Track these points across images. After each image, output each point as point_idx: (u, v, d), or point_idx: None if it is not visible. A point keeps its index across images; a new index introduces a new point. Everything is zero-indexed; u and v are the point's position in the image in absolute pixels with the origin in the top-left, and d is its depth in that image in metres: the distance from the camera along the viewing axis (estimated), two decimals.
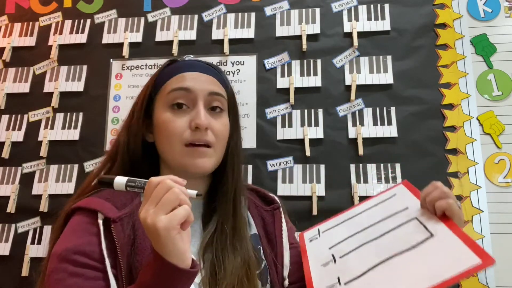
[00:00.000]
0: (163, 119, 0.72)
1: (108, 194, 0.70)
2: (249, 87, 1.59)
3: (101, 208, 0.66)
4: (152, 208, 0.54)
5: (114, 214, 0.65)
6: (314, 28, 1.61)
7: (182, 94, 0.73)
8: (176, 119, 0.71)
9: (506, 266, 1.32)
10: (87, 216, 0.66)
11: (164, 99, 0.74)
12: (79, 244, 0.62)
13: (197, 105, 0.72)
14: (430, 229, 0.60)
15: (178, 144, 0.71)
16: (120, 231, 0.64)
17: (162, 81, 0.76)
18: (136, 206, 0.69)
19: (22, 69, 1.73)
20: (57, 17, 1.77)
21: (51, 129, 1.64)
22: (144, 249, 0.65)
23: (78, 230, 0.65)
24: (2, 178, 1.61)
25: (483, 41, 1.51)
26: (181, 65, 0.77)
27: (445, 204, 0.61)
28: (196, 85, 0.73)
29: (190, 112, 0.73)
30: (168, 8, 1.72)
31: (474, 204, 1.38)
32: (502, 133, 1.43)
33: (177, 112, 0.72)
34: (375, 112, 1.51)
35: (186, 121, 0.71)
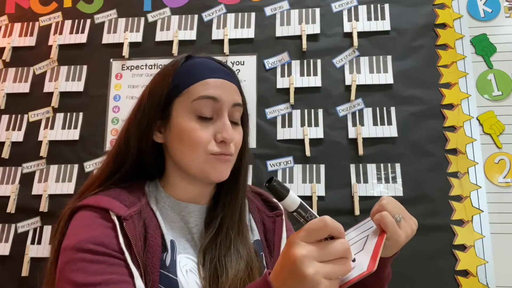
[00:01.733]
0: (187, 127, 0.69)
1: (115, 193, 0.68)
2: (249, 87, 1.59)
3: (111, 206, 0.64)
4: (319, 260, 0.47)
5: (125, 212, 0.64)
6: (314, 28, 1.61)
7: (208, 103, 0.70)
8: (201, 129, 0.69)
9: (506, 266, 1.32)
10: (99, 212, 0.64)
11: (187, 105, 0.70)
12: (96, 236, 0.60)
13: (223, 117, 0.71)
14: (365, 246, 0.62)
15: (202, 153, 0.69)
16: (133, 228, 0.63)
17: (184, 83, 0.72)
18: (145, 205, 0.69)
19: (22, 69, 1.73)
20: (57, 17, 1.77)
21: (51, 129, 1.64)
22: (154, 248, 0.64)
23: (92, 224, 0.62)
24: (2, 178, 1.61)
25: (483, 41, 1.51)
26: (205, 68, 0.74)
27: (379, 216, 0.62)
28: (223, 95, 0.71)
29: (214, 122, 0.71)
30: (168, 8, 1.72)
31: (474, 204, 1.38)
32: (502, 133, 1.43)
33: (202, 122, 0.70)
34: (375, 112, 1.51)
35: (211, 132, 0.70)
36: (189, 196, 0.74)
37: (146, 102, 0.73)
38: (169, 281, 0.63)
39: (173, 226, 0.71)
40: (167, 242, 0.67)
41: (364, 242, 0.65)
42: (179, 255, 0.67)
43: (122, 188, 0.71)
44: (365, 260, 0.56)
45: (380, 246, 0.61)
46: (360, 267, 0.55)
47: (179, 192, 0.74)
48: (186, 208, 0.74)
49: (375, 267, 0.52)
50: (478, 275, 1.31)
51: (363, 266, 0.55)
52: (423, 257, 1.35)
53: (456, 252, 1.34)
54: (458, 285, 1.32)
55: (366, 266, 0.54)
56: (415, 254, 1.34)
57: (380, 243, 0.61)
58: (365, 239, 0.66)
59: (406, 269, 1.34)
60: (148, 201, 0.71)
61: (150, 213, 0.68)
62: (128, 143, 0.73)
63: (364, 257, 0.58)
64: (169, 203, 0.73)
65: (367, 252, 0.60)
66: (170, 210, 0.72)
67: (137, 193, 0.71)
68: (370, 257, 0.58)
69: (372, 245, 0.62)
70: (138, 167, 0.74)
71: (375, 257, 0.57)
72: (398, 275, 1.33)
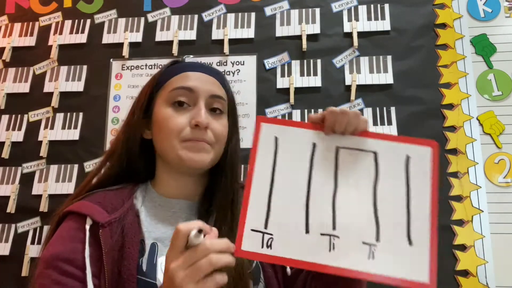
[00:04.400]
0: (163, 115, 0.73)
1: (100, 197, 0.71)
2: (249, 87, 1.59)
3: (90, 212, 0.67)
4: (184, 268, 0.51)
5: (103, 218, 0.66)
6: (314, 28, 1.61)
7: (184, 93, 0.73)
8: (176, 115, 0.72)
9: (506, 266, 1.32)
10: (76, 222, 0.67)
11: (165, 97, 0.74)
12: (64, 251, 0.64)
13: (198, 104, 0.73)
14: (368, 148, 0.63)
15: (176, 140, 0.71)
16: (108, 236, 0.65)
17: (165, 79, 0.77)
18: (127, 210, 0.70)
19: (22, 69, 1.73)
20: (57, 17, 1.77)
21: (51, 129, 1.64)
22: (131, 255, 0.65)
23: (65, 237, 0.66)
24: (2, 178, 1.61)
25: (483, 41, 1.51)
26: (185, 65, 0.78)
27: (362, 123, 0.63)
28: (199, 85, 0.74)
29: (190, 110, 0.73)
30: (168, 8, 1.72)
31: (474, 204, 1.38)
32: (502, 133, 1.43)
33: (178, 109, 0.73)
34: (375, 112, 1.51)
35: (187, 119, 0.72)
36: (178, 192, 0.76)
37: (135, 104, 0.78)
38: (147, 285, 0.64)
39: (162, 226, 0.71)
40: (146, 246, 0.68)
41: (362, 150, 0.63)
42: (161, 257, 0.67)
43: (109, 191, 0.73)
44: (419, 259, 0.57)
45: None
46: (410, 267, 0.56)
47: (168, 189, 0.76)
48: (177, 204, 0.75)
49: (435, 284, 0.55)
50: (478, 275, 1.31)
51: (418, 271, 0.56)
52: None
53: (456, 252, 1.34)
54: (458, 285, 1.32)
55: (424, 274, 0.56)
56: None
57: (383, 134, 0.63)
58: (356, 150, 0.63)
59: None
60: (134, 204, 0.72)
61: (132, 218, 0.70)
62: (121, 141, 0.76)
63: (415, 253, 0.57)
64: (160, 201, 0.75)
65: (421, 244, 0.58)
66: (160, 209, 0.74)
67: (123, 196, 0.72)
68: (428, 262, 0.57)
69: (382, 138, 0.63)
70: (131, 163, 0.76)
71: (434, 265, 0.57)
72: None
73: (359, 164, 0.63)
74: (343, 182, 0.62)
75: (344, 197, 0.61)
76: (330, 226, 0.60)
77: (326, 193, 0.62)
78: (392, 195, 0.61)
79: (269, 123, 0.66)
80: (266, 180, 0.63)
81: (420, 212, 0.59)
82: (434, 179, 0.60)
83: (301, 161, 0.64)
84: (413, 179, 0.61)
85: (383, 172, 0.62)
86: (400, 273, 0.56)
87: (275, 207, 0.61)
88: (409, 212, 0.60)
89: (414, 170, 0.61)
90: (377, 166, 0.62)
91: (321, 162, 0.63)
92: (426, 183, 0.60)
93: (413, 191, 0.60)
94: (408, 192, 0.60)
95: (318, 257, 0.58)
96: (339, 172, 0.63)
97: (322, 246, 0.59)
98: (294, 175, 0.63)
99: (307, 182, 0.63)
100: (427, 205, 0.59)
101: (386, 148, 0.63)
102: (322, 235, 0.59)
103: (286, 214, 0.61)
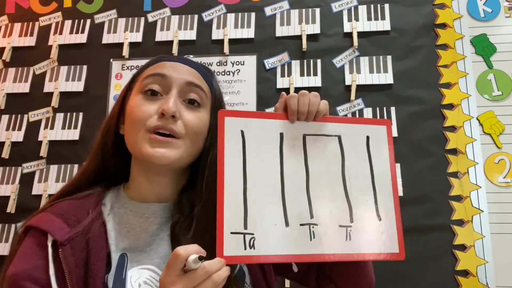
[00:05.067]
0: (132, 104, 0.68)
1: (63, 208, 0.66)
2: (249, 87, 1.59)
3: (50, 228, 0.61)
4: None
5: (63, 235, 0.61)
6: (314, 28, 1.61)
7: (156, 80, 0.68)
8: (145, 104, 0.66)
9: (506, 266, 1.32)
10: (37, 237, 0.62)
11: (138, 86, 0.70)
12: (27, 269, 0.60)
13: (170, 92, 0.67)
14: (332, 132, 0.66)
15: (142, 130, 0.65)
16: (69, 254, 0.60)
17: (141, 71, 0.74)
18: (92, 221, 0.65)
19: (22, 69, 1.73)
20: (57, 17, 1.77)
21: (51, 129, 1.64)
22: (97, 272, 0.60)
23: (28, 253, 0.62)
24: (2, 178, 1.61)
25: (483, 41, 1.51)
26: (164, 56, 0.74)
27: (322, 104, 0.66)
28: (173, 73, 0.68)
29: (161, 100, 0.67)
30: (168, 8, 1.72)
31: (474, 204, 1.38)
32: (502, 133, 1.43)
33: (148, 98, 0.67)
34: (375, 112, 1.51)
35: (155, 108, 0.66)
36: (151, 193, 0.70)
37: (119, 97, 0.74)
38: None
39: (133, 234, 0.66)
40: (113, 260, 0.63)
41: (327, 135, 0.66)
42: (131, 269, 0.63)
43: (75, 200, 0.69)
44: (388, 231, 0.62)
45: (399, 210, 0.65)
46: (381, 239, 0.62)
47: (141, 191, 0.70)
48: (149, 209, 0.69)
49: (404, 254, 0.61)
50: (478, 275, 1.31)
51: (387, 241, 0.62)
52: (423, 257, 1.35)
53: (456, 252, 1.34)
54: (458, 285, 1.32)
55: (394, 245, 0.62)
56: (415, 254, 1.34)
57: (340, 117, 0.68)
58: (322, 136, 0.66)
59: (406, 269, 1.34)
60: (101, 212, 0.67)
61: (98, 230, 0.64)
62: (98, 139, 0.74)
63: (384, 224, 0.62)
64: (131, 207, 0.69)
65: (388, 217, 0.64)
66: (131, 215, 0.68)
67: (89, 205, 0.67)
68: (396, 234, 0.63)
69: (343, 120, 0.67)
70: (105, 162, 0.73)
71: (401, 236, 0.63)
72: (398, 275, 1.34)
73: (326, 149, 0.65)
74: (314, 169, 0.64)
75: (317, 184, 0.63)
76: (308, 215, 0.61)
77: (299, 182, 0.63)
78: (358, 175, 0.64)
79: (233, 116, 0.64)
80: (238, 177, 0.61)
81: (384, 187, 0.64)
82: (391, 154, 0.65)
83: (271, 153, 0.63)
84: (374, 157, 0.65)
85: (348, 154, 0.65)
86: (374, 249, 0.60)
87: (251, 205, 0.60)
88: (375, 189, 0.64)
89: (374, 148, 0.66)
90: (342, 148, 0.65)
91: (290, 151, 0.64)
92: (385, 159, 0.65)
93: (376, 168, 0.64)
94: (372, 170, 0.64)
95: (301, 248, 0.59)
96: (308, 159, 0.64)
97: (303, 236, 0.60)
98: (266, 169, 0.62)
99: (280, 174, 0.62)
100: (389, 180, 0.64)
101: (348, 130, 0.66)
102: (302, 225, 0.60)
103: (264, 210, 0.60)
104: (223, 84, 1.61)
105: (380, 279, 1.32)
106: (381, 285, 1.32)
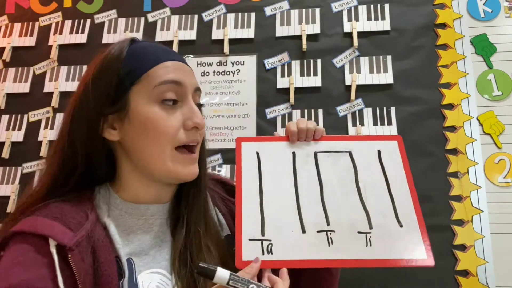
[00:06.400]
0: (152, 116, 0.60)
1: (56, 211, 0.57)
2: (249, 87, 1.59)
3: (51, 232, 0.53)
4: None
5: (70, 239, 0.53)
6: (314, 28, 1.61)
7: (172, 88, 0.62)
8: (168, 116, 0.61)
9: (506, 266, 1.32)
10: (32, 244, 0.53)
11: (149, 92, 0.61)
12: (28, 280, 0.49)
13: (189, 101, 0.63)
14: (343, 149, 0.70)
15: (169, 146, 0.61)
16: (80, 260, 0.53)
17: (141, 67, 0.63)
18: (94, 224, 0.59)
19: (22, 69, 1.73)
20: (57, 17, 1.77)
21: (51, 129, 1.64)
22: (111, 278, 0.55)
23: (24, 261, 0.51)
24: (2, 178, 1.61)
25: (483, 41, 1.51)
26: (158, 51, 0.67)
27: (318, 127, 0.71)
28: (185, 79, 0.64)
29: (180, 108, 0.63)
30: (168, 8, 1.72)
31: (474, 204, 1.38)
32: (502, 133, 1.43)
33: (169, 109, 0.62)
34: (375, 112, 1.51)
35: (180, 120, 0.62)
36: (149, 196, 0.66)
37: (90, 94, 0.62)
38: None
39: (134, 237, 0.63)
40: (123, 265, 0.58)
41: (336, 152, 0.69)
42: (140, 275, 0.60)
43: (66, 202, 0.60)
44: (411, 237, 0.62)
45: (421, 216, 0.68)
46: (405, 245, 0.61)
47: (136, 194, 0.65)
48: (147, 210, 0.65)
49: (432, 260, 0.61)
50: (478, 275, 1.31)
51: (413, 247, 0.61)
52: None
53: (456, 252, 1.34)
54: (458, 285, 1.32)
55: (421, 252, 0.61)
56: None
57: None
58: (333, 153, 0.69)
59: (406, 269, 1.34)
60: (98, 215, 0.61)
61: (101, 233, 0.59)
62: (73, 146, 0.62)
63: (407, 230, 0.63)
64: (126, 209, 0.64)
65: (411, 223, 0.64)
66: (129, 217, 0.64)
67: (84, 207, 0.60)
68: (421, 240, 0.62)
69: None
70: (91, 170, 0.64)
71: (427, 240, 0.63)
72: (398, 275, 1.34)
73: (338, 163, 0.68)
74: (327, 181, 0.67)
75: (331, 194, 0.65)
76: (325, 223, 0.63)
77: (314, 194, 0.66)
78: (373, 185, 0.66)
79: (248, 141, 0.71)
80: (255, 191, 0.66)
81: (402, 195, 0.65)
82: (406, 166, 0.68)
83: (285, 168, 0.68)
84: (388, 168, 0.67)
85: (361, 166, 0.68)
86: (400, 254, 0.60)
87: (268, 214, 0.64)
88: (392, 197, 0.65)
89: (387, 161, 0.68)
90: (354, 162, 0.68)
91: (303, 166, 0.68)
92: (400, 170, 0.67)
93: (391, 178, 0.66)
94: (387, 180, 0.66)
95: (319, 254, 0.60)
96: (321, 172, 0.67)
97: (321, 242, 0.61)
98: (280, 182, 0.67)
99: (294, 187, 0.66)
100: (406, 189, 0.66)
101: (358, 147, 0.70)
102: (319, 232, 0.62)
103: (280, 218, 0.64)
104: (223, 84, 1.61)
105: (380, 279, 1.32)
106: (381, 284, 1.33)
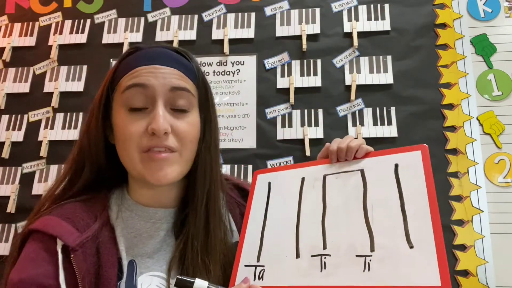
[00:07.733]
0: (118, 122, 0.63)
1: (69, 212, 0.62)
2: (249, 87, 1.59)
3: (59, 233, 0.58)
4: None
5: (74, 240, 0.58)
6: (314, 28, 1.61)
7: (137, 92, 0.62)
8: (132, 122, 0.62)
9: (506, 266, 1.32)
10: (44, 242, 0.58)
11: (119, 99, 0.64)
12: (37, 275, 0.56)
13: (156, 105, 0.62)
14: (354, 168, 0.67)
15: (135, 150, 0.62)
16: (82, 260, 0.57)
17: (118, 77, 0.65)
18: (101, 226, 0.62)
19: (22, 69, 1.73)
20: (57, 17, 1.77)
21: (51, 129, 1.64)
22: (109, 279, 0.58)
23: (35, 259, 0.57)
24: (2, 178, 1.61)
25: (483, 41, 1.51)
26: (138, 57, 0.66)
27: (365, 148, 0.68)
28: (153, 80, 0.62)
29: (149, 113, 0.62)
30: (168, 8, 1.72)
31: (474, 204, 1.38)
32: (502, 133, 1.43)
33: (134, 114, 0.62)
34: (375, 112, 1.51)
35: (143, 125, 0.61)
36: (154, 200, 0.68)
37: (94, 103, 0.68)
38: None
39: (140, 240, 0.65)
40: (123, 267, 0.61)
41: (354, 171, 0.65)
42: (141, 276, 0.62)
43: (80, 202, 0.65)
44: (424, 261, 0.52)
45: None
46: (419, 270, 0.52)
47: (143, 197, 0.68)
48: (156, 214, 0.67)
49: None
50: (478, 275, 1.31)
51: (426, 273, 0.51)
52: None
53: (456, 252, 1.34)
54: (458, 285, 1.32)
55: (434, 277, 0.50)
56: None
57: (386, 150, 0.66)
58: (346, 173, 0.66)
59: None
60: (109, 216, 0.65)
61: (107, 234, 0.62)
62: (86, 148, 0.67)
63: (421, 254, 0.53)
64: (136, 211, 0.67)
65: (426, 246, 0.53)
66: (138, 219, 0.66)
67: (96, 209, 0.64)
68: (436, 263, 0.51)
69: (380, 156, 0.66)
70: (101, 172, 0.68)
71: (445, 267, 0.51)
72: None
73: (346, 184, 0.65)
74: (332, 203, 0.64)
75: (333, 216, 0.62)
76: (321, 247, 0.60)
77: (315, 217, 0.64)
78: (384, 203, 0.59)
79: (264, 173, 0.72)
80: (260, 218, 0.67)
81: (418, 211, 0.56)
82: (429, 179, 0.58)
83: (291, 195, 0.67)
84: (404, 183, 0.60)
85: (371, 184, 0.63)
86: (404, 280, 0.51)
87: (267, 241, 0.64)
88: (405, 214, 0.57)
89: (404, 174, 0.61)
90: (365, 180, 0.64)
91: (309, 191, 0.67)
92: (420, 184, 0.59)
93: (406, 193, 0.59)
94: (401, 195, 0.59)
95: (310, 279, 0.57)
96: (327, 196, 0.65)
97: (313, 267, 0.58)
98: (284, 209, 0.66)
99: (296, 212, 0.66)
100: (425, 205, 0.56)
101: (372, 164, 0.66)
102: (313, 256, 0.60)
103: (278, 244, 0.63)
104: (223, 84, 1.62)
105: None
106: None
